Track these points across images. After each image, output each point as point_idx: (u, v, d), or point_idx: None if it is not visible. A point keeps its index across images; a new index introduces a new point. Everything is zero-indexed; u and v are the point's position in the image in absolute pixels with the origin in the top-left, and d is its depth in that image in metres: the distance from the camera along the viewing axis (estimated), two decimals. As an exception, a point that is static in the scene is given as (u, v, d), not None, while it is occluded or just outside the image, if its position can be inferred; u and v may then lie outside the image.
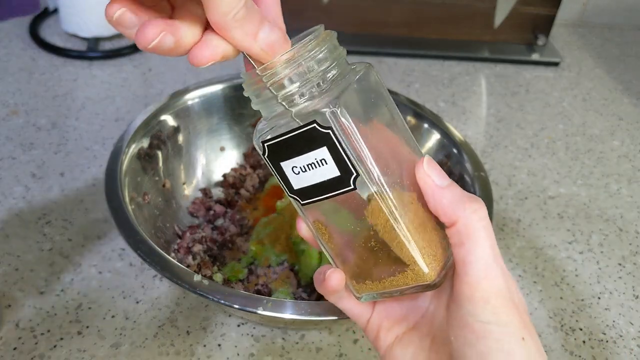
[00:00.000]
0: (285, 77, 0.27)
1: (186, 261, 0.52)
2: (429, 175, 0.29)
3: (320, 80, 0.27)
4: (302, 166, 0.28)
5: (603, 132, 0.80)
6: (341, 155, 0.27)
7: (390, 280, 0.31)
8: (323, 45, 0.27)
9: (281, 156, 0.29)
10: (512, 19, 0.91)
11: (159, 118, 0.56)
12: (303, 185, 0.29)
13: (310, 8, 0.89)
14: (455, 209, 0.28)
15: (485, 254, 0.28)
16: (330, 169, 0.28)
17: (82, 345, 0.47)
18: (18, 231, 0.56)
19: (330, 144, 0.27)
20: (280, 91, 0.27)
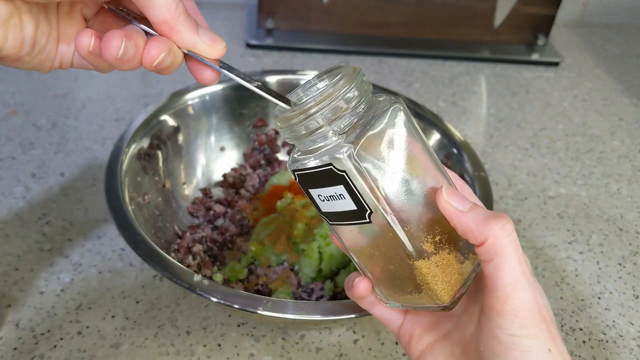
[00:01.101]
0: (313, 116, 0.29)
1: (186, 261, 0.52)
2: (449, 203, 0.30)
3: (346, 119, 0.29)
4: (326, 196, 0.31)
5: (603, 132, 0.80)
6: (356, 195, 0.29)
7: (408, 298, 0.33)
8: (351, 84, 0.29)
9: (309, 185, 0.31)
10: (512, 19, 0.91)
11: (159, 118, 0.56)
12: (329, 210, 0.32)
13: (311, 8, 0.89)
14: (482, 229, 0.29)
15: (513, 269, 0.28)
16: (348, 203, 0.30)
17: (82, 345, 0.47)
18: (18, 231, 0.56)
19: (345, 184, 0.29)
20: (308, 130, 0.29)
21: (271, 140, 0.63)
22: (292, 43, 0.89)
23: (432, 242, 0.30)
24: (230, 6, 1.00)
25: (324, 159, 0.29)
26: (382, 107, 0.30)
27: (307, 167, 0.30)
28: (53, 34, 0.32)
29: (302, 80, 0.62)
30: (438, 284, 0.30)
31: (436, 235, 0.30)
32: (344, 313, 0.40)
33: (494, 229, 0.28)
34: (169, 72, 0.32)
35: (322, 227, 0.53)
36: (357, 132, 0.29)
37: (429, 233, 0.30)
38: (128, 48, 0.29)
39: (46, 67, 0.33)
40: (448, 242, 0.31)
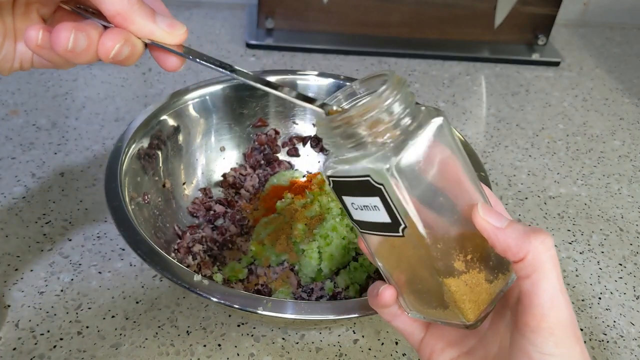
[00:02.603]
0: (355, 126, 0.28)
1: (186, 261, 0.51)
2: (486, 220, 0.29)
3: (387, 132, 0.28)
4: (359, 205, 0.30)
5: (604, 132, 0.80)
6: (392, 208, 0.28)
7: (434, 312, 0.32)
8: (396, 96, 0.28)
9: (343, 192, 0.31)
10: (512, 19, 0.91)
11: (159, 118, 0.56)
12: (360, 219, 0.31)
13: (311, 8, 0.89)
14: (522, 245, 0.28)
15: (552, 286, 0.28)
16: (382, 215, 0.29)
17: (82, 346, 0.47)
18: (18, 231, 0.56)
19: (382, 196, 0.28)
20: (350, 140, 0.29)
21: (271, 140, 0.63)
22: (292, 43, 0.89)
23: (464, 260, 0.30)
24: (230, 6, 1.00)
25: (362, 169, 0.28)
26: (424, 120, 0.29)
27: (343, 175, 0.29)
28: (9, 34, 0.32)
29: (302, 80, 0.62)
30: (465, 302, 0.30)
31: (468, 254, 0.30)
32: (344, 313, 0.40)
33: (534, 244, 0.28)
34: (131, 63, 0.32)
35: (322, 227, 0.53)
36: (398, 145, 0.28)
37: (461, 251, 0.30)
38: (79, 40, 0.29)
39: (5, 68, 0.33)
40: (479, 261, 0.30)
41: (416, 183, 0.28)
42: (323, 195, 0.56)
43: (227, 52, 0.88)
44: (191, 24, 0.94)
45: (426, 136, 0.28)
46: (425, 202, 0.28)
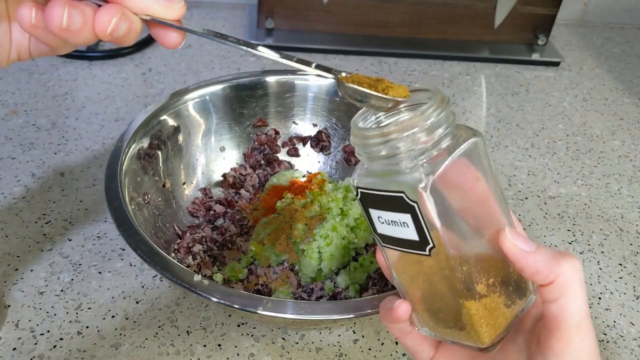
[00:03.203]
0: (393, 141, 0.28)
1: (186, 261, 0.51)
2: (515, 244, 0.29)
3: (426, 150, 0.28)
4: (387, 220, 0.30)
5: (604, 132, 0.80)
6: (422, 227, 0.28)
7: (448, 331, 0.32)
8: (439, 116, 0.28)
9: (371, 204, 0.30)
10: (512, 18, 0.91)
11: (159, 118, 0.56)
12: (385, 233, 0.31)
13: (311, 8, 0.88)
14: (552, 268, 0.28)
15: (579, 310, 0.28)
16: (410, 232, 0.29)
17: (82, 346, 0.47)
18: (18, 231, 0.56)
19: (414, 214, 0.28)
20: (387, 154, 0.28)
21: (271, 140, 0.63)
22: (292, 43, 0.89)
23: (486, 283, 0.30)
24: (230, 6, 1.00)
25: (396, 185, 0.28)
26: (462, 140, 0.29)
27: (374, 188, 0.29)
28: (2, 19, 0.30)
29: (302, 80, 0.62)
30: (483, 325, 0.30)
31: (490, 277, 0.30)
32: (344, 313, 0.40)
33: (564, 268, 0.28)
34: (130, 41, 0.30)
35: (322, 227, 0.53)
36: (435, 164, 0.27)
37: (484, 274, 0.30)
38: (74, 17, 0.27)
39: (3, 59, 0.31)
40: (499, 285, 0.30)
41: (448, 203, 0.28)
42: (323, 195, 0.56)
43: (227, 52, 0.88)
44: (191, 24, 0.94)
45: (463, 157, 0.28)
46: (454, 224, 0.28)
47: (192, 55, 0.86)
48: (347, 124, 0.63)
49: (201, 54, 0.86)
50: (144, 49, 0.86)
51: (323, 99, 0.63)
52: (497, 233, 0.29)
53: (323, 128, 0.64)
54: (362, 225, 0.55)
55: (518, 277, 0.31)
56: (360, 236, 0.55)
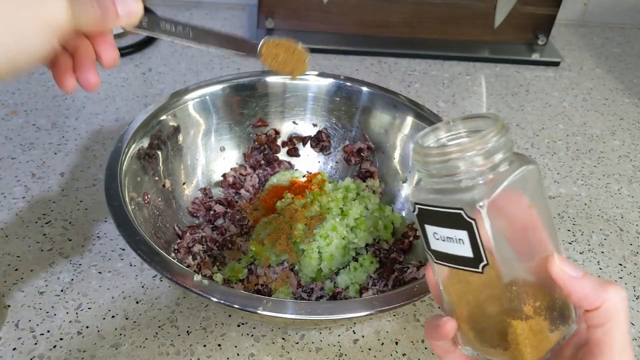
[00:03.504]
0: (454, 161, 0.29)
1: (186, 261, 0.51)
2: (563, 270, 0.30)
3: (485, 172, 0.29)
4: (442, 236, 0.31)
5: (604, 132, 0.80)
6: (478, 244, 0.29)
7: (491, 351, 0.33)
8: (499, 141, 0.29)
9: (427, 220, 0.31)
10: (512, 18, 0.91)
11: (159, 118, 0.56)
12: (439, 249, 0.32)
13: (310, 8, 0.88)
14: (598, 294, 0.29)
15: (623, 336, 0.29)
16: (465, 249, 0.30)
17: (82, 346, 0.47)
18: (18, 231, 0.56)
19: (470, 231, 0.29)
20: (447, 173, 0.30)
21: (271, 140, 0.63)
22: (292, 43, 0.89)
23: (532, 305, 0.31)
24: (230, 6, 1.00)
25: (456, 202, 0.29)
26: (518, 165, 0.30)
27: (433, 204, 0.30)
28: None
29: (302, 80, 0.62)
30: (527, 346, 0.31)
31: (537, 300, 0.31)
32: (344, 313, 0.40)
33: (610, 294, 0.29)
34: None
35: (322, 227, 0.53)
36: (492, 186, 0.29)
37: (532, 296, 0.31)
38: None
39: None
40: (545, 309, 0.31)
41: (504, 224, 0.29)
42: (323, 195, 0.56)
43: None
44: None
45: (518, 182, 0.29)
46: (507, 245, 0.30)
47: (192, 55, 0.86)
48: (347, 124, 0.63)
49: (201, 54, 0.86)
50: (144, 49, 0.86)
51: (323, 99, 0.63)
52: (545, 258, 0.31)
53: (323, 128, 0.64)
54: (362, 225, 0.55)
55: (562, 303, 0.32)
56: (360, 236, 0.55)
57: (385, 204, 0.60)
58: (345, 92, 0.62)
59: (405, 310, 0.52)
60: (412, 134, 0.60)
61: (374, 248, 0.56)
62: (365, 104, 0.62)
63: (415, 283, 0.43)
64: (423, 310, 0.53)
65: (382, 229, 0.56)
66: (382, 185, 0.61)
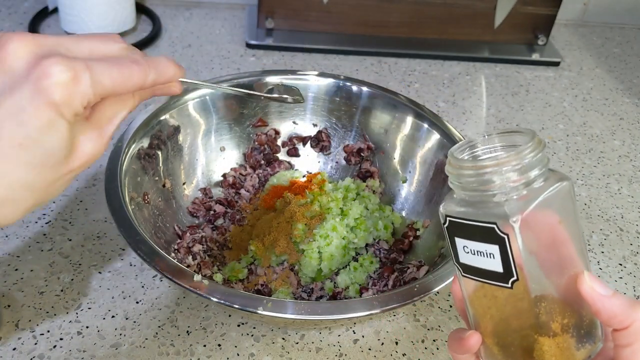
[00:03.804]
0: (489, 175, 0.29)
1: (186, 261, 0.51)
2: (593, 288, 0.30)
3: (520, 187, 0.29)
4: (472, 249, 0.31)
5: (604, 132, 0.80)
6: (509, 259, 0.29)
7: None
8: (535, 157, 0.29)
9: (458, 233, 0.32)
10: (512, 18, 0.91)
11: (159, 118, 0.56)
12: (468, 263, 0.32)
13: (310, 8, 0.88)
14: (628, 313, 0.29)
15: None
16: (495, 264, 0.30)
17: (82, 346, 0.47)
18: (18, 231, 0.56)
19: (502, 245, 0.29)
20: (481, 186, 0.30)
21: (271, 140, 0.63)
22: (292, 43, 0.89)
23: (560, 322, 0.31)
24: (230, 6, 1.00)
25: (489, 216, 0.29)
26: (552, 181, 0.30)
27: (465, 217, 0.30)
28: None
29: (302, 80, 0.62)
30: None
31: (565, 318, 0.31)
32: (344, 313, 0.40)
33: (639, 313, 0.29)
34: None
35: (322, 227, 0.53)
36: (526, 202, 0.29)
37: (560, 313, 0.31)
38: None
39: None
40: (573, 327, 0.31)
41: (535, 240, 0.29)
42: (323, 195, 0.56)
43: (227, 52, 0.88)
44: (191, 24, 0.94)
45: (553, 197, 0.30)
46: (539, 260, 0.30)
47: (192, 55, 0.86)
48: (347, 124, 0.63)
49: (201, 54, 0.86)
50: (144, 49, 0.86)
51: (323, 99, 0.63)
52: (575, 276, 0.31)
53: (323, 128, 0.64)
54: (362, 225, 0.55)
55: (589, 322, 0.32)
56: (360, 236, 0.55)
57: (385, 204, 0.60)
58: (345, 92, 0.62)
59: (405, 310, 0.52)
60: (412, 133, 0.60)
61: (374, 248, 0.56)
62: (365, 104, 0.62)
63: (415, 283, 0.43)
64: (423, 310, 0.53)
65: (382, 229, 0.56)
66: (382, 185, 0.61)
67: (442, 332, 0.51)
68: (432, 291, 0.42)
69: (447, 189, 0.55)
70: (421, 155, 0.59)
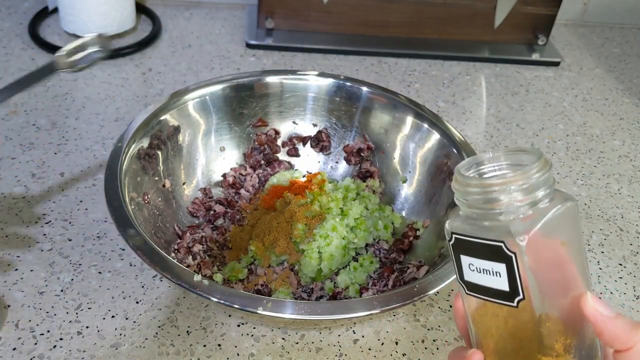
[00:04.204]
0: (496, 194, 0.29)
1: (186, 261, 0.51)
2: (596, 309, 0.30)
3: (526, 206, 0.29)
4: (478, 267, 0.31)
5: (604, 132, 0.80)
6: (515, 278, 0.29)
7: None
8: (541, 178, 0.29)
9: (464, 251, 0.32)
10: (512, 18, 0.91)
11: (159, 118, 0.56)
12: (472, 281, 0.32)
13: (310, 8, 0.89)
14: (631, 335, 0.30)
15: None
16: (501, 282, 0.30)
17: (82, 346, 0.47)
18: (18, 231, 0.56)
19: (509, 264, 0.29)
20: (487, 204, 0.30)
21: (271, 140, 0.63)
22: (292, 43, 0.89)
23: (563, 343, 0.31)
24: (230, 6, 1.00)
25: (497, 234, 0.29)
26: (558, 201, 0.30)
27: (471, 235, 0.31)
28: None
29: (302, 80, 0.62)
30: None
31: (567, 338, 0.31)
32: (344, 313, 0.40)
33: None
34: None
35: (322, 227, 0.53)
36: (532, 221, 0.29)
37: (563, 334, 0.31)
38: None
39: None
40: (575, 348, 0.31)
41: (541, 259, 0.29)
42: (323, 195, 0.56)
43: (227, 52, 0.88)
44: (191, 24, 0.94)
45: (558, 217, 0.30)
46: (544, 279, 0.30)
47: (192, 55, 0.86)
48: (347, 124, 0.63)
49: (201, 54, 0.86)
50: (144, 49, 0.86)
51: (323, 99, 0.63)
52: (578, 296, 0.31)
53: (323, 128, 0.64)
54: (362, 225, 0.55)
55: (590, 342, 0.32)
56: (360, 236, 0.55)
57: (385, 204, 0.60)
58: (345, 92, 0.62)
59: (405, 310, 0.52)
60: (412, 133, 0.60)
61: (374, 248, 0.56)
62: (365, 104, 0.62)
63: (415, 283, 0.43)
64: (423, 310, 0.53)
65: (382, 229, 0.56)
66: (382, 185, 0.61)
67: (442, 332, 0.51)
68: (432, 291, 0.42)
69: (446, 188, 0.55)
70: (421, 155, 0.59)
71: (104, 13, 0.82)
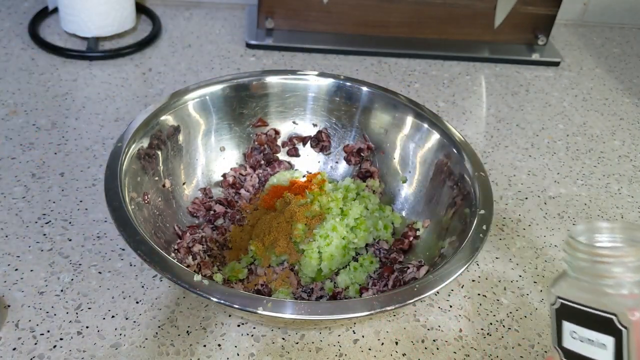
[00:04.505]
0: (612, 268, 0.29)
1: (186, 261, 0.51)
2: None
3: (636, 284, 0.29)
4: (582, 337, 0.31)
5: (604, 132, 0.80)
6: (621, 353, 0.29)
7: None
8: None
9: (568, 317, 0.31)
10: (512, 18, 0.91)
11: (159, 118, 0.56)
12: (572, 349, 0.31)
13: (310, 8, 0.89)
14: None
15: None
16: (606, 355, 0.30)
17: (82, 346, 0.47)
18: (18, 231, 0.56)
19: (618, 338, 0.29)
20: (599, 274, 0.30)
21: (271, 140, 0.63)
22: (292, 43, 0.89)
23: None
24: (230, 6, 1.00)
25: (610, 306, 0.29)
26: None
27: (580, 302, 0.30)
28: None
29: (302, 80, 0.62)
30: None
31: None
32: (344, 313, 0.40)
33: None
34: None
35: (322, 227, 0.53)
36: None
37: None
38: None
39: None
40: None
41: None
42: (323, 195, 0.56)
43: (227, 52, 0.88)
44: (191, 24, 0.94)
45: None
46: None
47: (192, 55, 0.86)
48: (347, 124, 0.63)
49: (201, 54, 0.86)
50: (144, 49, 0.86)
51: (323, 99, 0.63)
52: None
53: (323, 128, 0.64)
54: (362, 225, 0.55)
55: None
56: (360, 236, 0.55)
57: (385, 204, 0.60)
58: (345, 92, 0.62)
59: (405, 310, 0.52)
60: (412, 133, 0.60)
61: (374, 248, 0.56)
62: (365, 104, 0.62)
63: (415, 283, 0.43)
64: (423, 310, 0.53)
65: (382, 229, 0.56)
66: (382, 185, 0.61)
67: (442, 332, 0.51)
68: (432, 291, 0.42)
69: (447, 188, 0.55)
70: (421, 155, 0.59)
71: (104, 13, 0.82)
